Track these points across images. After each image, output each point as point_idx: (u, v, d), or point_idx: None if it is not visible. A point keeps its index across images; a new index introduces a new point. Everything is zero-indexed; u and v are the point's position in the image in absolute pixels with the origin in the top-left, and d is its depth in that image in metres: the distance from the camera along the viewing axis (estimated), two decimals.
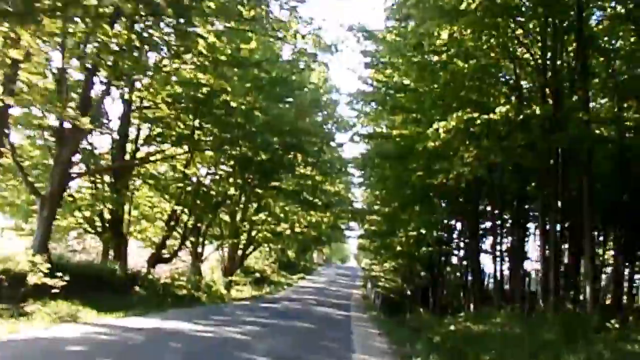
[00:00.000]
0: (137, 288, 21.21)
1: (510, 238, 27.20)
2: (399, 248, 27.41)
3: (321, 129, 29.85)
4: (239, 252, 40.23)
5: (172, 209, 27.77)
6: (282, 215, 37.93)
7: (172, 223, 28.02)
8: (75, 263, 19.72)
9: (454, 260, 43.39)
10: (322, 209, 37.42)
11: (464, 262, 45.72)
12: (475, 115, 15.23)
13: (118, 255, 25.42)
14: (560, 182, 16.91)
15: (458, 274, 46.17)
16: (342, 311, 22.80)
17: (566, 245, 18.25)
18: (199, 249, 34.17)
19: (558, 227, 17.20)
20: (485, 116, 15.29)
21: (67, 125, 17.46)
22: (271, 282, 44.56)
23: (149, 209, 30.00)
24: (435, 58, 17.51)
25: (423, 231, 24.56)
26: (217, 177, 28.93)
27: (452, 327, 17.46)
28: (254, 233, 39.85)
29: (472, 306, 27.30)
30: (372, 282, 42.49)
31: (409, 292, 49.50)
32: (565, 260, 17.96)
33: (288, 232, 44.71)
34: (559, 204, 16.86)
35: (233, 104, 22.55)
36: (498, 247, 29.93)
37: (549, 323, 12.86)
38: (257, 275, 41.69)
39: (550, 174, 16.90)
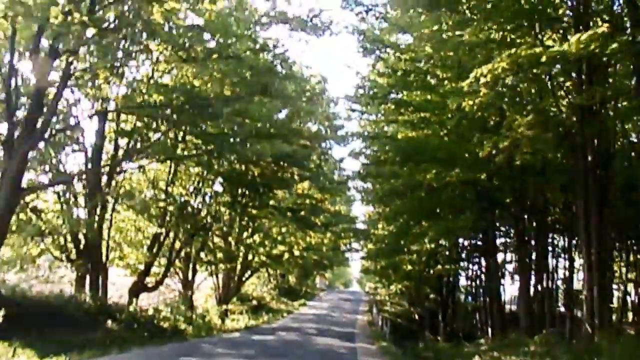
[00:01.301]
0: (109, 322, 18.55)
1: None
2: (408, 267, 24.24)
3: (316, 134, 26.98)
4: (235, 279, 37.64)
5: (155, 232, 25.10)
6: (279, 237, 35.08)
7: (156, 248, 25.30)
8: (29, 296, 16.93)
9: (462, 281, 41.12)
10: (322, 230, 34.59)
11: (474, 283, 43.45)
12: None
13: (95, 285, 22.83)
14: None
15: (467, 296, 43.85)
16: (346, 342, 19.93)
17: None
18: (191, 276, 31.48)
19: None
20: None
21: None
22: (270, 309, 41.52)
23: (132, 233, 27.36)
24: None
25: (442, 242, 21.29)
26: (204, 195, 26.11)
27: (476, 359, 14.64)
28: (250, 257, 37.10)
29: (489, 331, 24.44)
30: (377, 307, 39.52)
31: (416, 316, 46.69)
32: None
33: (287, 255, 42.01)
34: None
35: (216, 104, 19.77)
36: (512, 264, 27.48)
37: (608, 356, 10.07)
38: (255, 302, 38.57)
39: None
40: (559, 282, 22.24)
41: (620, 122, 16.30)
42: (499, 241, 25.49)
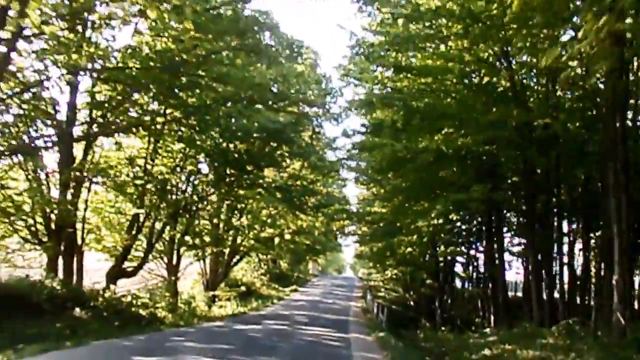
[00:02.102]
0: (77, 310, 16.79)
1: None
2: (407, 249, 22.03)
3: (306, 99, 24.79)
4: (224, 264, 35.95)
5: (134, 213, 23.25)
6: (268, 220, 33.27)
7: (135, 230, 23.48)
8: None
9: (457, 266, 39.57)
10: (314, 212, 32.74)
11: (471, 267, 41.95)
12: None
13: (69, 270, 21.07)
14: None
15: (463, 282, 42.34)
16: (338, 332, 18.18)
17: None
18: (175, 261, 29.72)
19: None
20: None
21: None
22: (260, 295, 39.86)
23: (111, 215, 25.48)
24: None
25: (450, 216, 18.90)
26: (189, 174, 24.16)
27: (486, 352, 12.94)
28: (238, 241, 35.35)
29: (492, 319, 22.84)
30: (371, 293, 37.88)
31: (411, 303, 45.20)
32: None
33: (277, 239, 40.23)
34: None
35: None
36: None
37: None
38: (243, 288, 36.83)
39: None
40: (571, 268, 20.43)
41: None
42: None
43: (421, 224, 18.22)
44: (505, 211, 21.64)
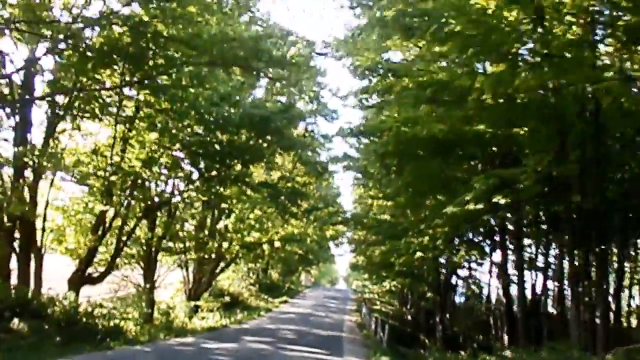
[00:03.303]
0: (15, 321, 13.93)
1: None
2: (418, 254, 18.60)
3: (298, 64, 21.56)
4: (208, 272, 33.05)
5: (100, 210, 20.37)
6: (256, 224, 30.35)
7: (101, 230, 20.62)
8: None
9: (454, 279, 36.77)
10: (305, 216, 29.86)
11: (470, 281, 39.19)
12: None
13: (24, 275, 18.28)
14: None
15: (461, 296, 39.57)
16: (331, 354, 15.20)
17: None
18: (153, 267, 26.77)
19: None
20: None
21: None
22: (247, 307, 36.93)
23: (77, 213, 22.57)
24: None
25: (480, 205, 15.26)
26: (158, 166, 21.20)
27: None
28: (224, 246, 32.42)
29: (505, 338, 20.02)
30: (367, 306, 34.96)
31: (409, 317, 42.39)
32: None
33: (267, 248, 37.34)
34: None
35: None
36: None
37: None
38: (228, 299, 33.87)
39: None
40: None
41: None
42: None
43: (437, 221, 15.24)
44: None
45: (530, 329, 18.34)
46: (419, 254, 16.21)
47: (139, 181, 20.82)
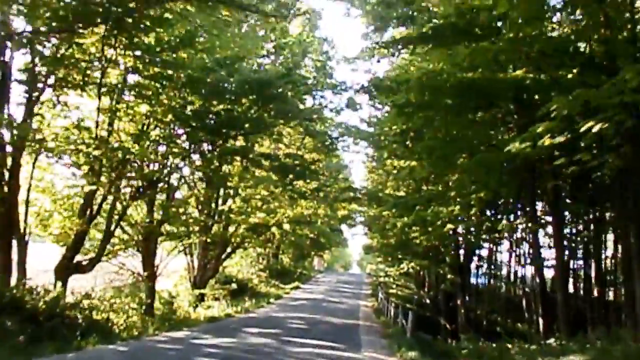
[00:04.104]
0: None
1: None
2: (448, 226, 15.89)
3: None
4: (214, 257, 31.06)
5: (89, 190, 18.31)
6: (261, 205, 28.19)
7: (89, 213, 18.60)
8: None
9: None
10: (314, 194, 27.64)
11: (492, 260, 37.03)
12: None
13: (5, 263, 16.37)
14: None
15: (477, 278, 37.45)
16: (346, 349, 12.91)
17: None
18: (153, 254, 24.76)
19: None
20: None
21: None
22: (256, 293, 34.96)
23: (65, 195, 20.55)
24: None
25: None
26: (150, 141, 18.98)
27: None
28: (231, 230, 30.36)
29: (541, 325, 17.77)
30: (383, 291, 32.83)
31: (427, 301, 40.31)
32: None
33: (275, 230, 35.34)
34: None
35: None
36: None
37: None
38: (235, 286, 31.84)
39: None
40: None
41: None
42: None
43: (470, 188, 12.95)
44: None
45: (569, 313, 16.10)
46: (449, 225, 13.85)
47: (129, 158, 18.70)
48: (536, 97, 12.33)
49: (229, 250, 32.97)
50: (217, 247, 31.23)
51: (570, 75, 10.74)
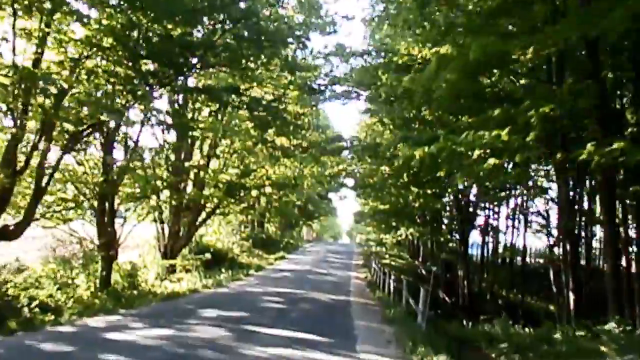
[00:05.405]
0: None
1: None
2: (486, 161, 11.88)
3: None
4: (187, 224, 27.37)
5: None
6: (237, 161, 24.33)
7: (15, 164, 14.72)
8: None
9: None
10: (298, 149, 23.79)
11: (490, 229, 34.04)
12: None
13: None
14: None
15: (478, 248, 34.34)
16: (335, 345, 9.36)
17: None
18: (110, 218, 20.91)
19: None
20: None
21: None
22: (235, 264, 31.36)
23: None
24: None
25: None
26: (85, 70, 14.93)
27: None
28: (206, 192, 26.64)
29: (572, 299, 14.31)
30: (377, 262, 29.29)
31: (422, 272, 37.07)
32: None
33: (255, 193, 31.54)
34: None
35: None
36: None
37: None
38: (209, 256, 28.14)
39: None
40: None
41: None
42: None
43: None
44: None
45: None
46: (491, 160, 9.91)
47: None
48: None
49: (203, 216, 29.32)
50: (190, 213, 27.65)
51: None
